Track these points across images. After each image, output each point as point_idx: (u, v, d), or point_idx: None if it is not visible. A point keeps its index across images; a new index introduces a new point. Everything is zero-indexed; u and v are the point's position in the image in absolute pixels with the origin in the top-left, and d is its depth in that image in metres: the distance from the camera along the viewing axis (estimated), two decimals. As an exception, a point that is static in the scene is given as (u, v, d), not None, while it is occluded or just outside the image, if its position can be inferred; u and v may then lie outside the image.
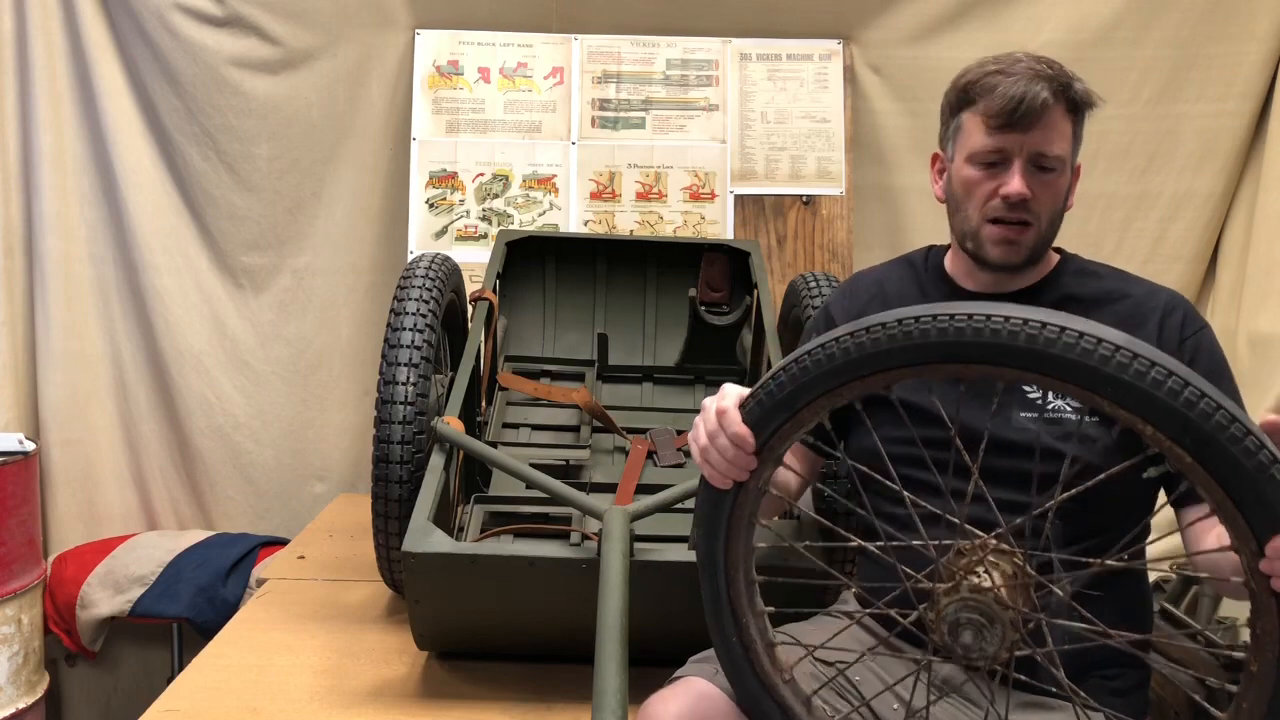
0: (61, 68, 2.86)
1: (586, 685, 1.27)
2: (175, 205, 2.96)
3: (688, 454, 2.25)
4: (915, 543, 1.02)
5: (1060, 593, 0.99)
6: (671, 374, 2.58)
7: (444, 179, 2.94)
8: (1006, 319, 0.88)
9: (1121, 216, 2.97)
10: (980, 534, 0.98)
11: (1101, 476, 0.95)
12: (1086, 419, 1.35)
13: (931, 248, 1.57)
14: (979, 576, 0.95)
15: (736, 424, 1.07)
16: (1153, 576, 1.60)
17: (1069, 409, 1.36)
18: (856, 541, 1.11)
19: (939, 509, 1.01)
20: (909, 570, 1.05)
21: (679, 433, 2.30)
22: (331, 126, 2.97)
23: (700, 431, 1.13)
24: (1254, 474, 0.81)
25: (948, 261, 1.52)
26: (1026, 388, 1.38)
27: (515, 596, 1.74)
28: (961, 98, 1.40)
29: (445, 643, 1.92)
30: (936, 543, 1.00)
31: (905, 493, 1.05)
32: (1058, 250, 1.49)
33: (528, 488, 1.99)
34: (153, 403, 3.00)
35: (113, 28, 2.87)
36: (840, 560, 1.98)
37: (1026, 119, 1.33)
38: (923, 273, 1.53)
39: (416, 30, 2.98)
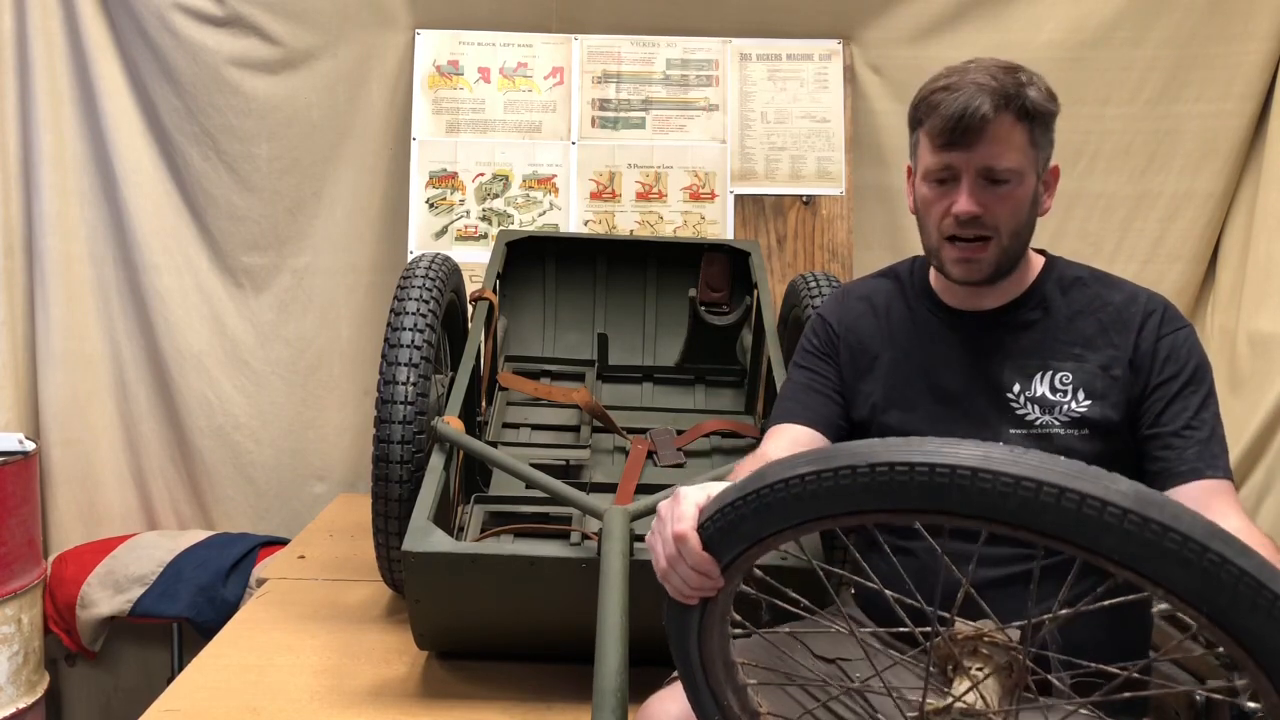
0: (61, 67, 2.86)
1: (586, 685, 1.27)
2: (175, 205, 2.96)
3: (688, 454, 2.25)
4: (903, 642, 0.95)
5: (1060, 684, 0.96)
6: (671, 374, 2.58)
7: (444, 179, 2.94)
8: (996, 476, 0.76)
9: (1121, 216, 2.97)
10: (971, 626, 0.90)
11: (1098, 601, 0.84)
12: (1073, 434, 1.36)
13: (917, 258, 1.55)
14: (972, 692, 0.88)
15: (697, 552, 0.95)
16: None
17: (1057, 424, 1.36)
18: (853, 574, 1.08)
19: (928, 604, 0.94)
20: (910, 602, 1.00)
21: (679, 433, 2.29)
22: (331, 126, 2.97)
23: (659, 550, 1.02)
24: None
25: (932, 274, 1.50)
26: (1014, 404, 1.39)
27: (515, 596, 1.74)
28: (914, 115, 1.38)
29: (445, 643, 1.92)
30: (924, 632, 0.92)
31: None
32: (1042, 253, 1.47)
33: (528, 488, 1.99)
34: (153, 403, 3.00)
35: (113, 27, 2.87)
36: (840, 561, 1.98)
37: (969, 135, 1.29)
38: (908, 287, 1.52)
39: (416, 30, 2.98)
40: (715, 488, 1.00)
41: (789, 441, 1.44)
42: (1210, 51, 2.87)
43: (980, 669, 0.89)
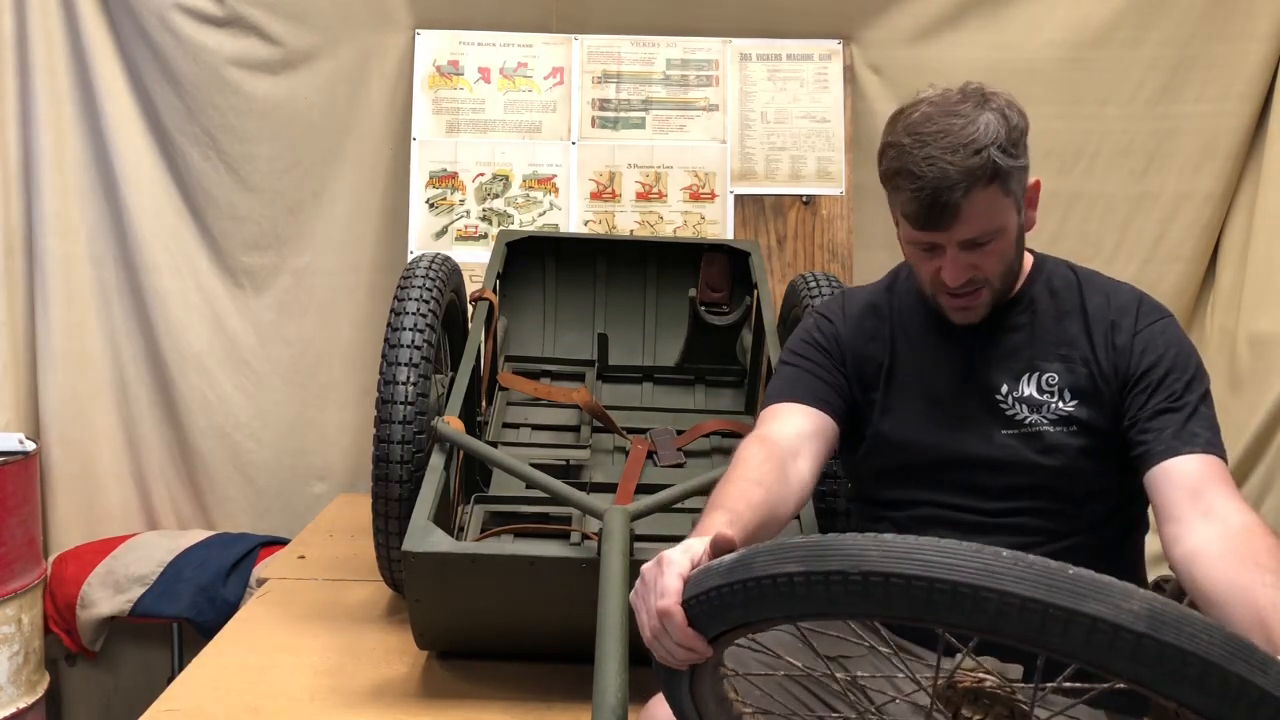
0: (61, 68, 2.86)
1: (586, 685, 1.27)
2: (175, 205, 2.96)
3: (688, 454, 2.25)
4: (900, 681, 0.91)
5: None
6: (671, 374, 2.57)
7: (444, 179, 2.94)
8: (1000, 596, 0.70)
9: (1121, 216, 2.97)
10: (972, 676, 0.87)
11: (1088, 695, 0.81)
12: (1063, 430, 1.36)
13: (907, 266, 1.55)
14: None
15: (682, 629, 0.91)
16: (1152, 576, 1.59)
17: (1045, 422, 1.37)
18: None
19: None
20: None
21: (679, 433, 2.30)
22: (331, 126, 2.97)
23: (643, 619, 0.98)
24: None
25: None
26: (1003, 405, 1.39)
27: (515, 596, 1.74)
28: (884, 182, 1.37)
29: (445, 642, 1.92)
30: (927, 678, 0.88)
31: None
32: (1030, 251, 1.47)
33: (528, 487, 1.99)
34: (153, 403, 3.00)
35: (113, 28, 2.87)
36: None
37: (944, 219, 1.29)
38: (902, 294, 1.52)
39: (416, 30, 2.98)
40: (699, 547, 0.98)
41: (789, 422, 1.42)
42: (1210, 51, 2.87)
43: (981, 718, 0.87)
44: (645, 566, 1.00)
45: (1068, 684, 0.78)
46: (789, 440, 1.39)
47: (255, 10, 2.87)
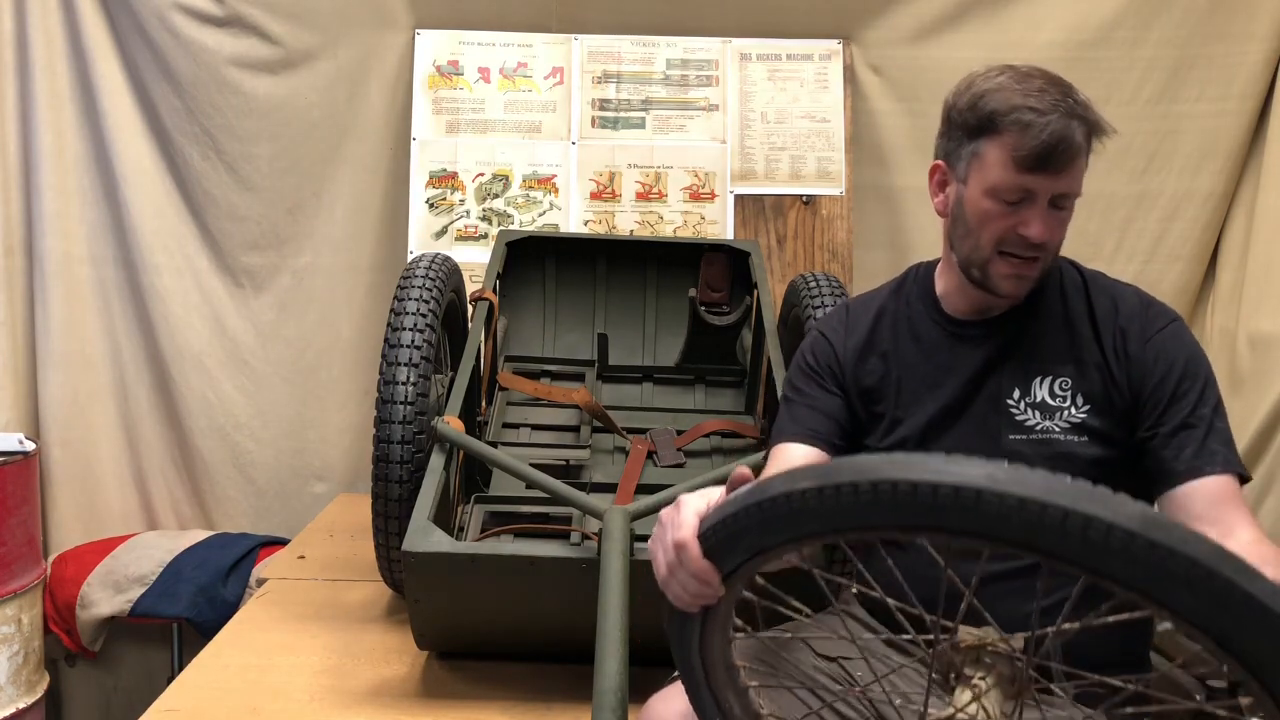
0: (61, 67, 2.86)
1: (586, 685, 1.27)
2: (175, 205, 2.96)
3: (688, 454, 2.25)
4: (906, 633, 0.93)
5: (1061, 694, 0.96)
6: (671, 374, 2.58)
7: (444, 179, 2.94)
8: (1001, 498, 0.75)
9: (1121, 216, 2.97)
10: (974, 635, 0.90)
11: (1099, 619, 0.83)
12: (1074, 439, 1.36)
13: (917, 268, 1.54)
14: (973, 706, 0.87)
15: (697, 560, 0.95)
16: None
17: (1057, 429, 1.36)
18: (855, 584, 1.06)
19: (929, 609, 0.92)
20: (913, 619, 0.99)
21: (679, 433, 2.30)
22: (331, 126, 2.97)
23: (659, 558, 1.01)
24: None
25: (939, 282, 1.49)
26: (1014, 409, 1.39)
27: (515, 596, 1.74)
28: (984, 124, 1.31)
29: (445, 643, 1.92)
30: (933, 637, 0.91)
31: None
32: None
33: (528, 488, 1.99)
34: (153, 403, 3.00)
35: (113, 27, 2.87)
36: (841, 559, 1.98)
37: (1058, 163, 1.27)
38: (911, 300, 1.51)
39: (416, 30, 2.98)
40: (715, 493, 1.00)
41: (789, 462, 1.44)
42: (1210, 51, 2.87)
43: (983, 678, 0.89)
44: (664, 510, 1.03)
45: (1066, 625, 0.79)
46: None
47: (255, 10, 2.87)
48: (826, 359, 1.52)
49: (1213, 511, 1.25)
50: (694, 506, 0.99)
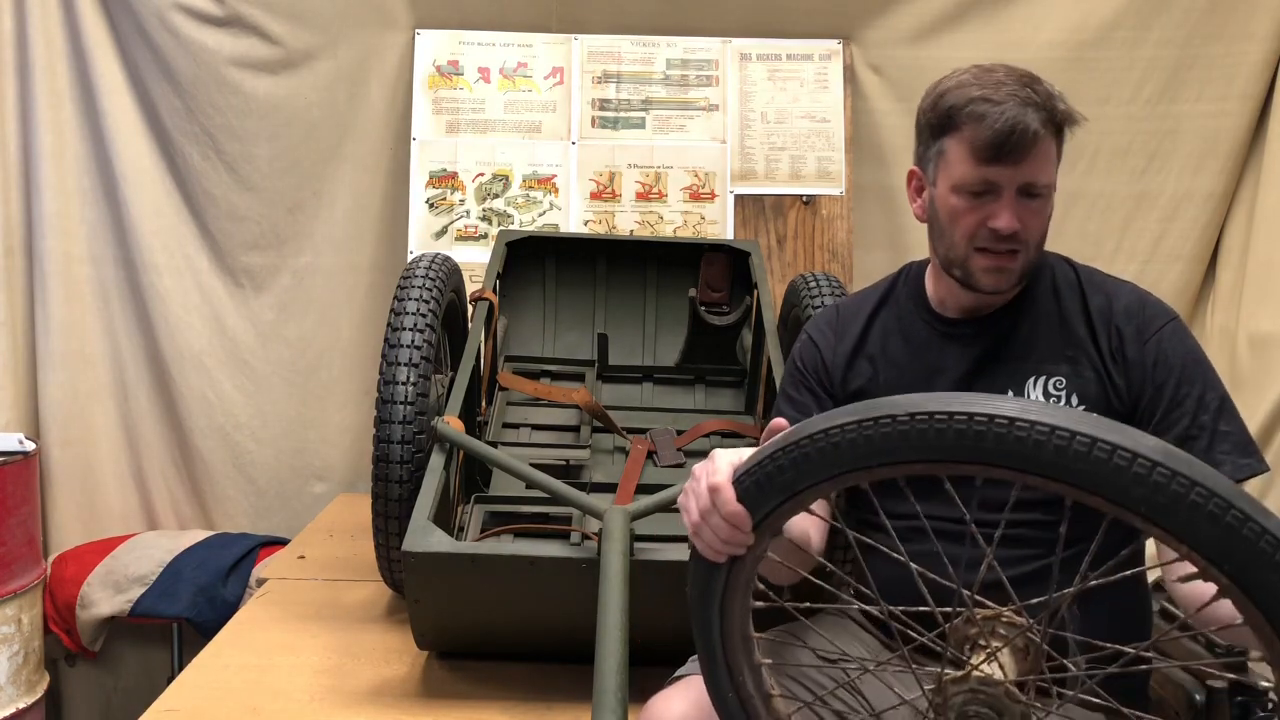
0: (61, 67, 2.86)
1: (586, 685, 1.27)
2: (175, 205, 2.96)
3: (688, 454, 2.25)
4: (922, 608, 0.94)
5: (1074, 669, 0.96)
6: (671, 374, 2.57)
7: (444, 179, 2.94)
8: (1032, 425, 0.79)
9: (1121, 216, 2.97)
10: (992, 606, 0.92)
11: (1107, 572, 0.86)
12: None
13: (909, 268, 1.53)
14: (988, 664, 0.89)
15: (731, 503, 0.97)
16: (1152, 577, 1.59)
17: None
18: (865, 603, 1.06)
19: (946, 579, 0.92)
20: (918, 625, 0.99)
21: (679, 433, 2.30)
22: (331, 126, 2.97)
23: (691, 505, 1.02)
24: None
25: (929, 282, 1.48)
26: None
27: (515, 596, 1.74)
28: (944, 121, 1.32)
29: (445, 643, 1.92)
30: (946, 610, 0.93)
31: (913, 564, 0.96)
32: None
33: (528, 488, 1.99)
34: (153, 403, 3.00)
35: (113, 27, 2.87)
36: (841, 561, 1.98)
37: (1017, 151, 1.27)
38: (901, 300, 1.50)
39: (416, 30, 2.98)
40: (748, 452, 1.02)
41: None
42: (1210, 51, 2.87)
43: (1000, 648, 0.90)
44: (696, 465, 1.06)
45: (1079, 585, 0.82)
46: None
47: (255, 10, 2.87)
48: (814, 364, 1.51)
49: None
50: (728, 458, 1.02)
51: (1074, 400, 1.35)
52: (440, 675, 1.88)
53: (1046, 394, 1.36)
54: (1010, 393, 1.37)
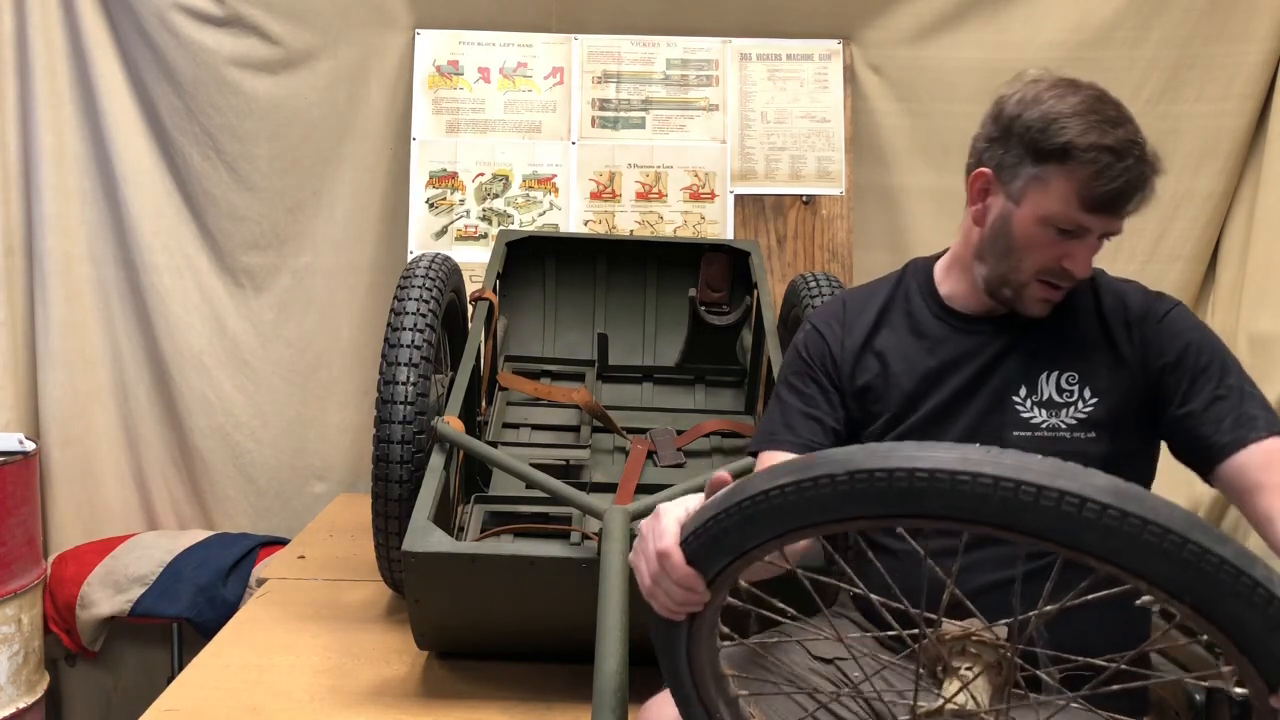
0: (61, 67, 2.86)
1: (586, 685, 1.27)
2: (175, 205, 2.96)
3: (688, 454, 2.25)
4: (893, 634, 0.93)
5: (1049, 679, 0.96)
6: (671, 374, 2.57)
7: (444, 179, 2.94)
8: (974, 478, 0.76)
9: (1121, 216, 2.97)
10: (958, 625, 0.91)
11: (1084, 591, 0.83)
12: (1081, 435, 1.35)
13: (914, 264, 1.52)
14: (963, 691, 0.88)
15: (681, 568, 0.93)
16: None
17: (1064, 426, 1.35)
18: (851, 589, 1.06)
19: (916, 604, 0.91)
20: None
21: (679, 433, 2.30)
22: (331, 126, 2.97)
23: (642, 567, 0.99)
24: (1262, 630, 0.73)
25: (942, 281, 1.47)
26: (1019, 406, 1.37)
27: (515, 596, 1.74)
28: (1055, 152, 1.26)
29: (445, 643, 1.92)
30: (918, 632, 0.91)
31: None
32: None
33: (528, 487, 1.99)
34: (153, 403, 3.00)
35: (113, 27, 2.87)
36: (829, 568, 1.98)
37: (1128, 208, 1.27)
38: (910, 294, 1.48)
39: (416, 30, 2.98)
40: (694, 501, 0.99)
41: None
42: (1210, 51, 2.87)
43: (969, 669, 0.89)
44: (643, 522, 1.02)
45: (1048, 607, 0.80)
46: None
47: (255, 10, 2.87)
48: (821, 356, 1.49)
49: (1268, 477, 1.23)
50: (673, 514, 0.98)
51: (1086, 394, 1.35)
52: (440, 675, 1.88)
53: (1059, 389, 1.36)
54: (1023, 388, 1.37)
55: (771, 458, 1.44)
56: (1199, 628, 0.75)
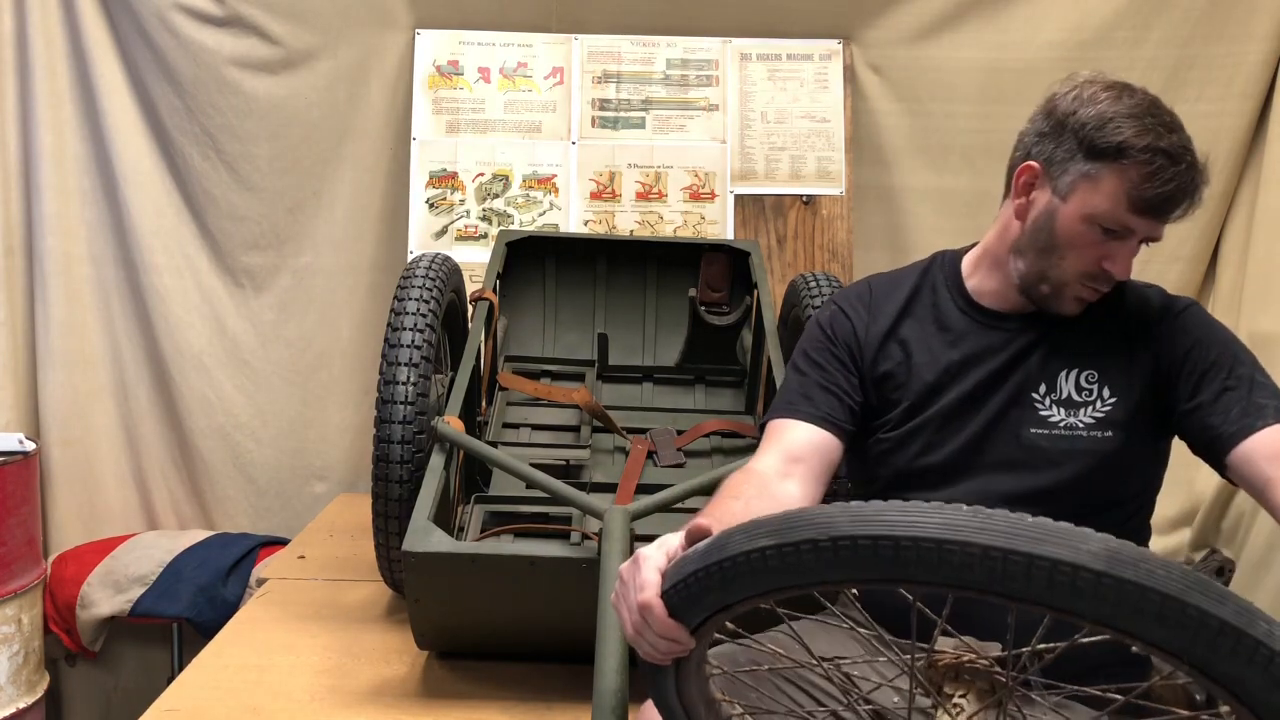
0: (61, 67, 2.86)
1: (586, 685, 1.27)
2: (175, 205, 2.96)
3: (688, 454, 2.25)
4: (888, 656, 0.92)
5: (1042, 701, 0.96)
6: (671, 374, 2.58)
7: (444, 179, 2.94)
8: (961, 547, 0.73)
9: (1121, 216, 2.97)
10: (951, 652, 0.90)
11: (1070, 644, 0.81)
12: (1097, 434, 1.35)
13: (942, 256, 1.51)
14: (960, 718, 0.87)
15: (663, 620, 0.92)
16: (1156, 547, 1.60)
17: (1081, 425, 1.35)
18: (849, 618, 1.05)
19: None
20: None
21: (679, 433, 2.30)
22: (331, 126, 2.97)
23: (624, 617, 0.98)
24: (1264, 687, 0.71)
25: (971, 275, 1.46)
26: (1038, 404, 1.37)
27: (515, 596, 1.74)
28: (1110, 150, 1.26)
29: (445, 643, 1.92)
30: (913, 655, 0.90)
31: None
32: None
33: (528, 487, 1.99)
34: (153, 403, 3.00)
35: (113, 27, 2.87)
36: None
37: (1175, 213, 1.27)
38: (937, 286, 1.47)
39: (416, 30, 2.98)
40: (674, 544, 0.98)
41: (791, 444, 1.39)
42: (1210, 51, 2.87)
43: (963, 695, 0.89)
44: (623, 566, 1.01)
45: (1042, 645, 0.79)
46: (776, 467, 1.37)
47: (255, 10, 2.87)
48: (846, 337, 1.48)
49: (1277, 470, 1.23)
50: (654, 563, 0.96)
51: (1105, 393, 1.36)
52: (440, 675, 1.88)
53: (1078, 387, 1.36)
54: (1043, 386, 1.37)
55: (784, 427, 1.42)
56: (1200, 685, 0.74)
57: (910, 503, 0.76)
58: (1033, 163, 1.35)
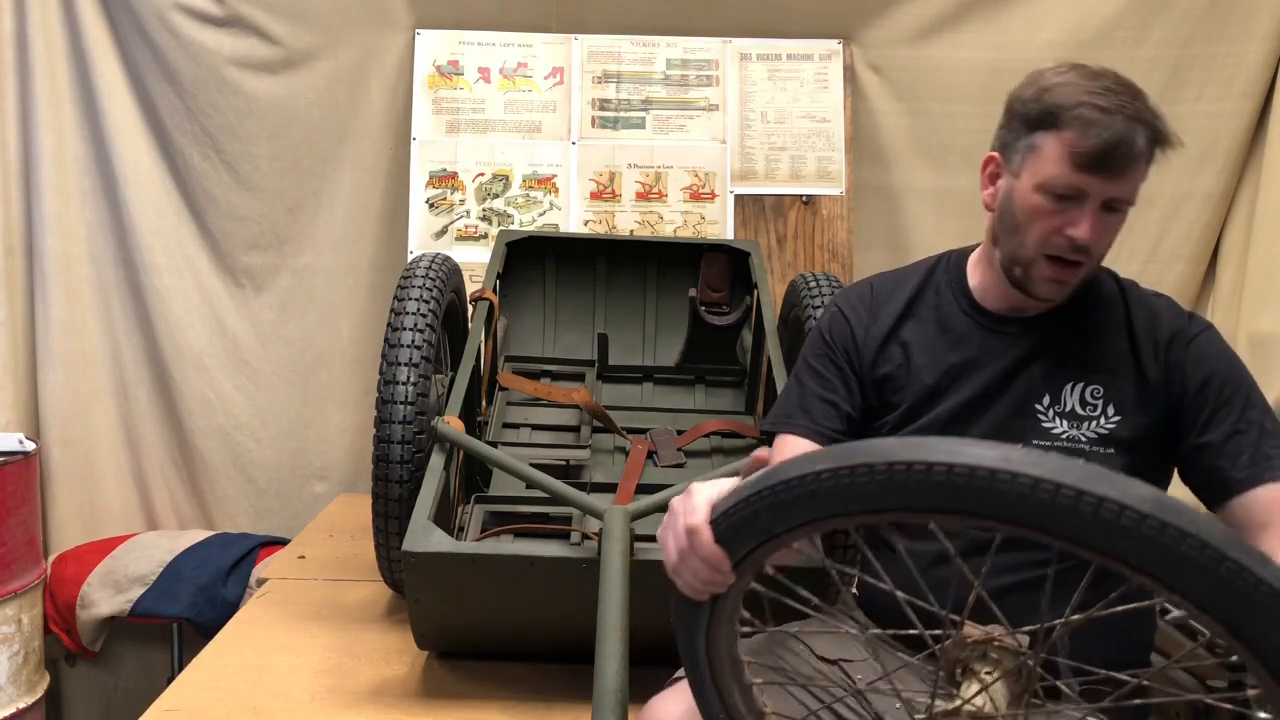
0: (61, 67, 2.86)
1: (586, 685, 1.27)
2: (175, 205, 2.96)
3: (688, 454, 2.25)
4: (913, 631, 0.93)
5: (1068, 690, 0.95)
6: (672, 374, 2.57)
7: (444, 179, 2.94)
8: (1015, 477, 0.75)
9: (1122, 216, 2.97)
10: (980, 629, 0.90)
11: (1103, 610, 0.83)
12: (1099, 450, 1.33)
13: (949, 256, 1.50)
14: (980, 695, 0.87)
15: (709, 545, 0.94)
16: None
17: (1084, 439, 1.33)
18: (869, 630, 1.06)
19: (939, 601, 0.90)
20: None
21: (679, 433, 2.30)
22: (331, 126, 2.97)
23: (670, 544, 1.00)
24: None
25: (973, 273, 1.45)
26: (1041, 415, 1.35)
27: (515, 596, 1.74)
28: (1045, 117, 1.27)
29: (445, 643, 1.92)
30: (936, 634, 0.91)
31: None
32: None
33: (528, 487, 1.99)
34: (153, 403, 3.00)
35: (113, 27, 2.87)
36: (842, 559, 1.98)
37: (1117, 166, 1.24)
38: (941, 287, 1.46)
39: (416, 30, 2.98)
40: (728, 484, 1.00)
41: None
42: (1210, 51, 2.87)
43: (989, 673, 0.89)
44: (674, 499, 1.02)
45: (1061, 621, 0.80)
46: None
47: (255, 10, 2.87)
48: (844, 341, 1.47)
49: (1276, 518, 1.22)
50: (706, 493, 0.98)
51: (1110, 410, 1.34)
52: (440, 675, 1.88)
53: (1083, 401, 1.35)
54: (1046, 397, 1.35)
55: (785, 441, 1.43)
56: (1226, 644, 0.74)
57: (965, 439, 0.79)
58: (993, 154, 1.38)
